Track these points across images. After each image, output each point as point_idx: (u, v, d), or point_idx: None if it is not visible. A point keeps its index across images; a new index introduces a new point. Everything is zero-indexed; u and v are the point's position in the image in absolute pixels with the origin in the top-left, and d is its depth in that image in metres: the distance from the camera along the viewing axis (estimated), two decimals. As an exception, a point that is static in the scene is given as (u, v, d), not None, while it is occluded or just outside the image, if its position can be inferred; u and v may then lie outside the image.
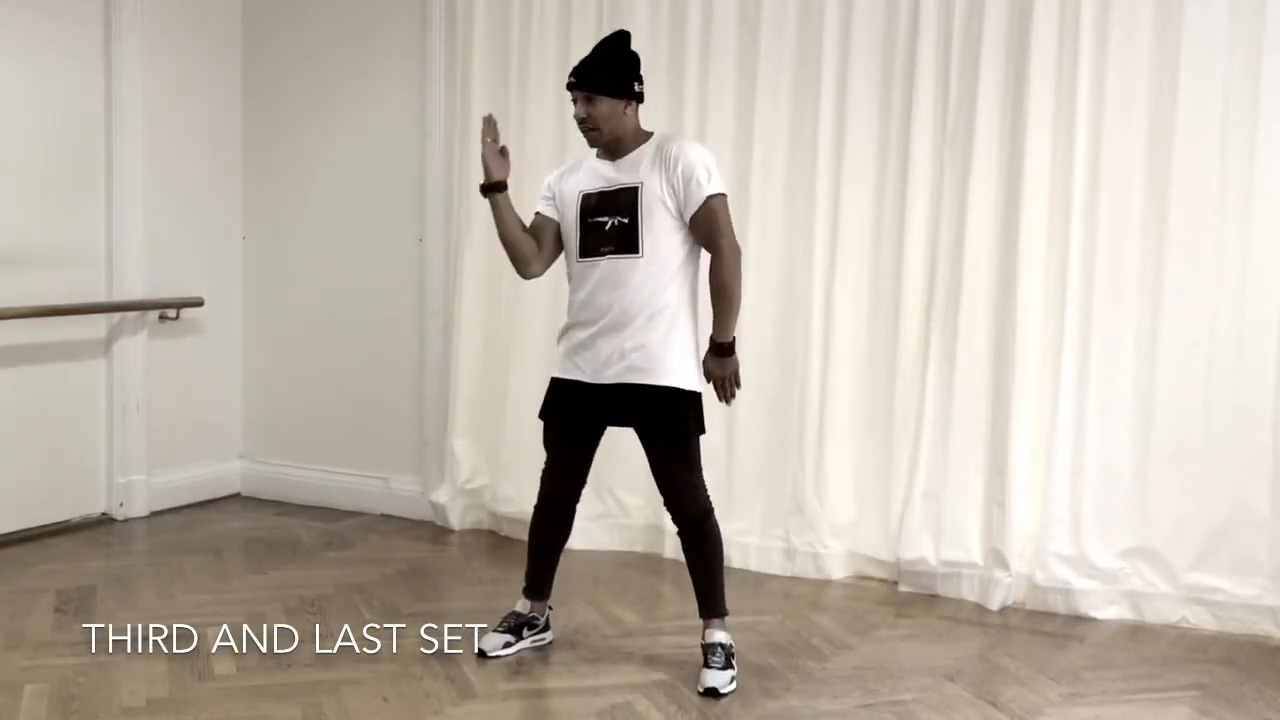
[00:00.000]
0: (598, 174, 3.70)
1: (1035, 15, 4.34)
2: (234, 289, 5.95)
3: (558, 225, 3.78)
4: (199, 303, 5.68)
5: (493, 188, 3.74)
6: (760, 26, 4.78)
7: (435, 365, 5.52)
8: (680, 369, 3.62)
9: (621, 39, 3.73)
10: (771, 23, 4.77)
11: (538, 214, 3.82)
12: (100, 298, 5.38)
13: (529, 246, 3.80)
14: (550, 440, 3.81)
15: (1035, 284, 4.41)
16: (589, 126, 3.65)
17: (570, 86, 3.67)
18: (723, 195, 3.61)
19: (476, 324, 5.34)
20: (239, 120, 5.91)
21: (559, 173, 3.86)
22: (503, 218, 3.77)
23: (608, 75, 3.64)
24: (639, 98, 3.68)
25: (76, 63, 5.26)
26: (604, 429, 3.79)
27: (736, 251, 3.62)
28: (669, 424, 3.64)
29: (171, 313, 5.59)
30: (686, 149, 3.64)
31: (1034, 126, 4.37)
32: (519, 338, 5.22)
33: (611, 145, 3.67)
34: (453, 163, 5.39)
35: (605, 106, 3.62)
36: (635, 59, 3.70)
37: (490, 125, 3.76)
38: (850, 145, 4.68)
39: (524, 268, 3.84)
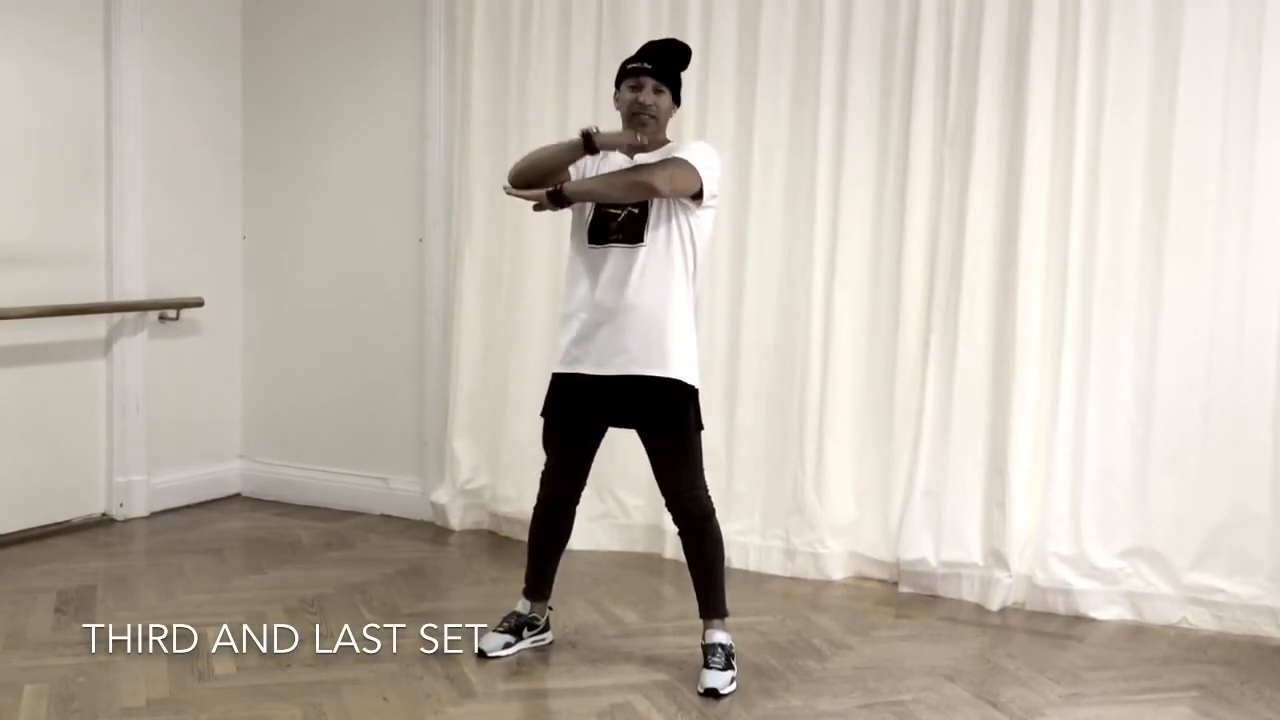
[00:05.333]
0: (618, 165, 3.69)
1: (1035, 15, 4.34)
2: (234, 289, 5.95)
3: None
4: (199, 303, 5.68)
5: (594, 148, 3.61)
6: (760, 26, 4.78)
7: (435, 365, 5.52)
8: (681, 363, 3.63)
9: (688, 49, 3.79)
10: (771, 23, 4.77)
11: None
12: (100, 298, 5.37)
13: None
14: (551, 439, 3.81)
15: (1035, 284, 4.41)
16: (650, 115, 3.64)
17: (643, 71, 3.65)
18: (693, 169, 3.53)
19: (476, 324, 5.34)
20: (239, 120, 5.91)
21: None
22: (566, 157, 3.65)
23: (677, 74, 3.72)
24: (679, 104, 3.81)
25: (76, 63, 5.25)
26: (605, 429, 3.78)
27: (651, 188, 3.48)
28: (670, 417, 3.63)
29: (171, 313, 5.58)
30: (692, 141, 3.73)
31: (1034, 126, 4.37)
32: (519, 338, 5.21)
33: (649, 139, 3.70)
34: (453, 163, 5.38)
35: (667, 102, 3.69)
36: None
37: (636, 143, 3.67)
38: (850, 145, 4.68)
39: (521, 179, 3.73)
